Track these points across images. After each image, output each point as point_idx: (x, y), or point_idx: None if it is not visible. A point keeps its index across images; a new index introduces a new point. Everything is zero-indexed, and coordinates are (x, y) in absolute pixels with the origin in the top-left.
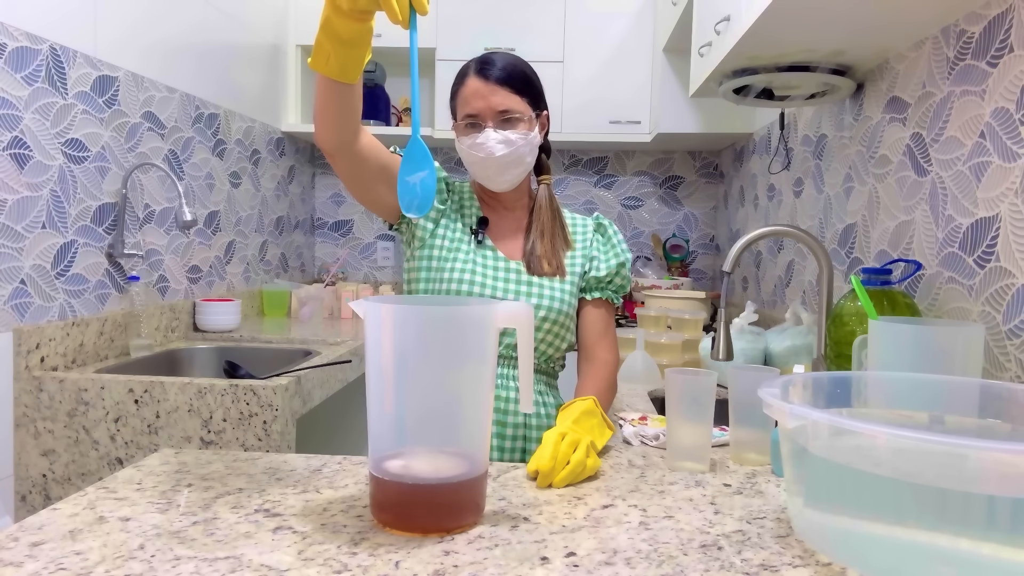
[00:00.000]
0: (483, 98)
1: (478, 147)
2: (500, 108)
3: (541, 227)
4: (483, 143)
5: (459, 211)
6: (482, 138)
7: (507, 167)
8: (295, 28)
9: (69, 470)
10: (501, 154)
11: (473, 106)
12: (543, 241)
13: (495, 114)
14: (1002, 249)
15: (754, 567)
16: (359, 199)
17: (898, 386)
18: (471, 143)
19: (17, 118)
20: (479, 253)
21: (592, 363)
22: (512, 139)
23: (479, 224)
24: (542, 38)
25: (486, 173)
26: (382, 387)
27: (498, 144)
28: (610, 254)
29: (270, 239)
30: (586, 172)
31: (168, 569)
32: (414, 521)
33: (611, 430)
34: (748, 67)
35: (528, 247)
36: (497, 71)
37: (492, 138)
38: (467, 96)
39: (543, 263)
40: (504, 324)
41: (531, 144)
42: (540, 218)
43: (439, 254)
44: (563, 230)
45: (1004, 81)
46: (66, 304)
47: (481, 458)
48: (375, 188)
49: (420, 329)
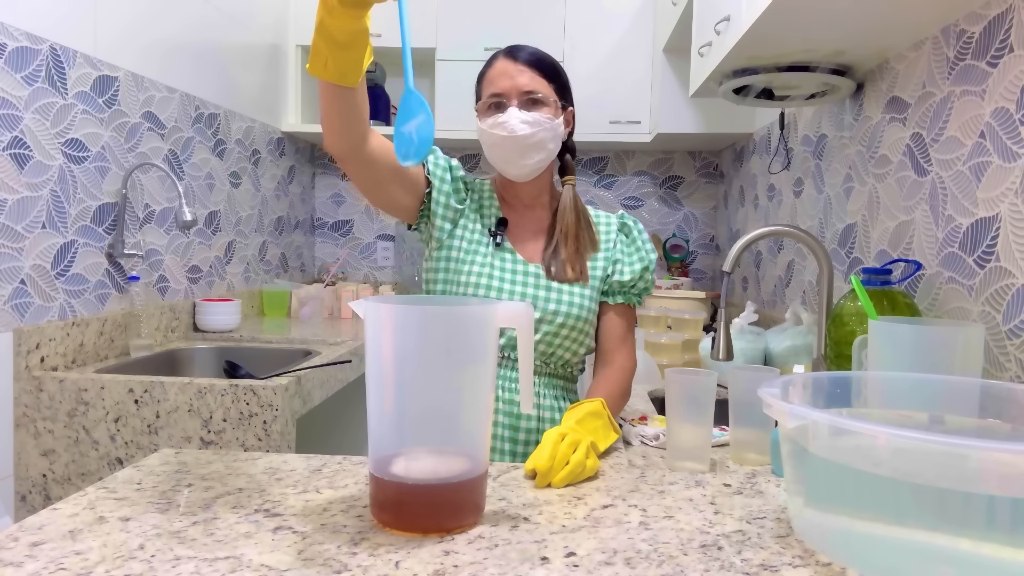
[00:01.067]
0: (510, 77)
1: (500, 125)
2: (526, 88)
3: (565, 230)
4: (506, 121)
5: (478, 211)
6: (505, 116)
7: (529, 150)
8: (295, 28)
9: (69, 470)
10: (523, 133)
11: (499, 85)
12: (567, 245)
13: (521, 94)
14: (1002, 249)
15: (754, 567)
16: (374, 203)
17: (898, 386)
18: (493, 122)
19: (17, 118)
20: (497, 256)
21: (608, 367)
22: (537, 120)
23: (498, 225)
24: (542, 38)
25: (506, 155)
26: (382, 387)
27: (521, 124)
28: (634, 257)
29: (270, 239)
30: (586, 172)
31: (168, 569)
32: (414, 521)
33: (617, 433)
34: (748, 67)
35: (550, 251)
36: (526, 54)
37: (515, 116)
38: (494, 76)
39: (567, 268)
40: (504, 324)
41: (555, 131)
42: (564, 219)
43: (457, 255)
44: (589, 230)
45: (1004, 81)
46: (66, 304)
47: (481, 458)
48: (389, 189)
49: (420, 329)
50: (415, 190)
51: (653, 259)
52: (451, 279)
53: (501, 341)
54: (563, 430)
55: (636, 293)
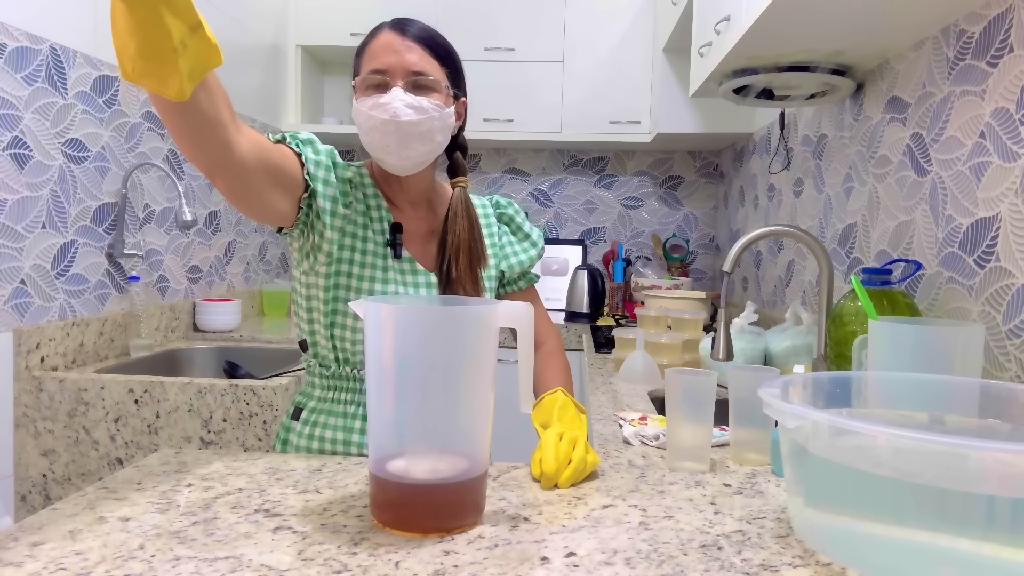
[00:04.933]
0: (396, 53)
1: (381, 107)
2: (414, 68)
3: (457, 243)
4: (388, 103)
5: (365, 213)
6: (387, 98)
7: (413, 139)
8: (295, 28)
9: (69, 470)
10: (408, 119)
11: (383, 60)
12: (458, 262)
13: (407, 73)
14: (1002, 249)
15: (754, 567)
16: (249, 213)
17: (898, 386)
18: (373, 103)
19: (17, 118)
20: (397, 268)
21: (539, 351)
22: (423, 106)
23: (393, 232)
24: (542, 38)
25: (386, 143)
26: (382, 387)
27: (406, 108)
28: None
29: (270, 239)
30: (586, 172)
31: (168, 569)
32: (414, 521)
33: (583, 413)
34: (748, 67)
35: (444, 266)
36: (417, 29)
37: (400, 99)
38: (376, 50)
39: (461, 287)
40: (504, 324)
41: (444, 120)
42: (455, 229)
43: (350, 270)
44: (481, 241)
45: (1004, 81)
46: (66, 304)
47: (481, 458)
48: (265, 197)
49: (420, 329)
50: (293, 192)
51: (541, 235)
52: (343, 296)
53: None
54: (558, 429)
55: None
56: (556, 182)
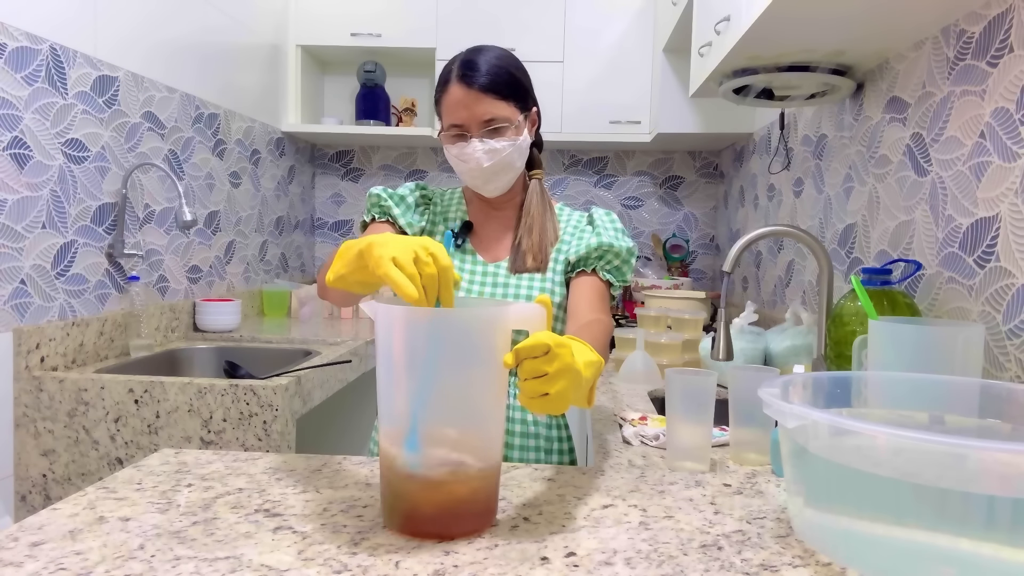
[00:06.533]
0: (467, 108)
1: (465, 157)
2: (485, 118)
3: (530, 222)
4: (470, 154)
5: (443, 218)
6: (469, 149)
7: (495, 175)
8: (295, 28)
9: (69, 470)
10: (488, 165)
11: (457, 116)
12: (530, 236)
13: (480, 124)
14: (1002, 249)
15: (754, 567)
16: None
17: (898, 386)
18: (458, 152)
19: (17, 118)
20: (456, 256)
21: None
22: (498, 148)
23: (462, 228)
24: (542, 38)
25: (475, 181)
26: (392, 389)
27: (484, 155)
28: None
29: (270, 239)
30: (586, 172)
31: (168, 569)
32: (424, 526)
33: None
34: (748, 67)
35: (516, 242)
36: (481, 77)
37: (478, 148)
38: (450, 105)
39: (527, 257)
40: (516, 326)
41: (520, 149)
42: (530, 212)
43: None
44: (553, 221)
45: (1004, 81)
46: (66, 304)
47: (494, 460)
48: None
49: (431, 331)
50: None
51: (622, 244)
52: None
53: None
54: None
55: (603, 265)
56: (556, 182)
